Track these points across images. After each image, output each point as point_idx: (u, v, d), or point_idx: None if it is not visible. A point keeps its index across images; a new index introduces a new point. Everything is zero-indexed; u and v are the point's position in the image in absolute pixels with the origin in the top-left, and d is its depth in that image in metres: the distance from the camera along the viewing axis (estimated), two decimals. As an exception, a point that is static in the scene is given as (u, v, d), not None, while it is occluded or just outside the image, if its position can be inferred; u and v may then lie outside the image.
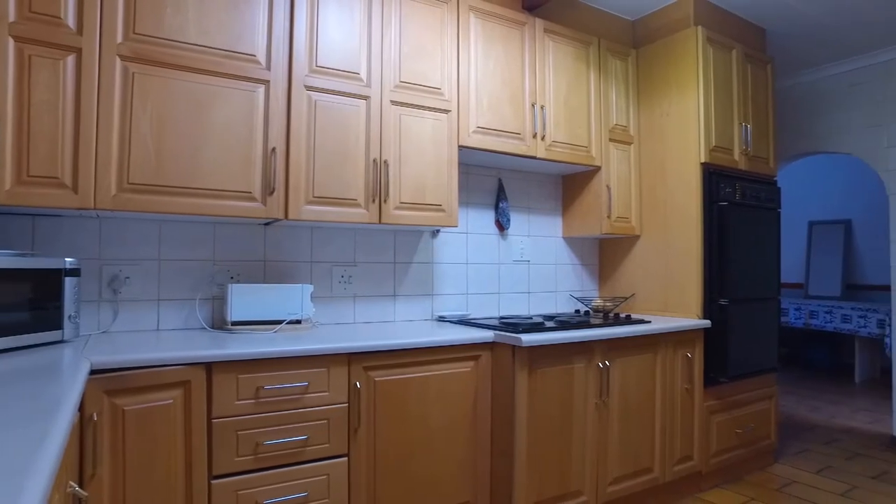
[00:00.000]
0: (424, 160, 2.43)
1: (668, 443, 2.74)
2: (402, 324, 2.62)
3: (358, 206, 2.27)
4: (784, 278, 6.96)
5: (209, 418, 1.72)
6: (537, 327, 2.36)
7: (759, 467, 3.28)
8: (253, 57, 2.06)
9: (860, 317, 5.45)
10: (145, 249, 2.18)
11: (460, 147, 2.55)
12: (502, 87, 2.67)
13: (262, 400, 1.79)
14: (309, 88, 2.17)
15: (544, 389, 2.29)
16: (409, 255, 2.77)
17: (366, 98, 2.29)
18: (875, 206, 6.24)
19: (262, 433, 1.78)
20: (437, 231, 2.85)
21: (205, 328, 2.25)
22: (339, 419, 1.93)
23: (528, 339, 2.16)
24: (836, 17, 3.34)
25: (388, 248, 2.72)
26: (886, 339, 5.13)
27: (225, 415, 1.73)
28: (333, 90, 2.22)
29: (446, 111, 2.49)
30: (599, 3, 3.19)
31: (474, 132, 2.57)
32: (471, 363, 2.25)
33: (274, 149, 2.09)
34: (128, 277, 2.14)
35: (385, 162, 2.32)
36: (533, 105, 2.76)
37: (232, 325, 2.18)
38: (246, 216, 2.05)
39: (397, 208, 2.36)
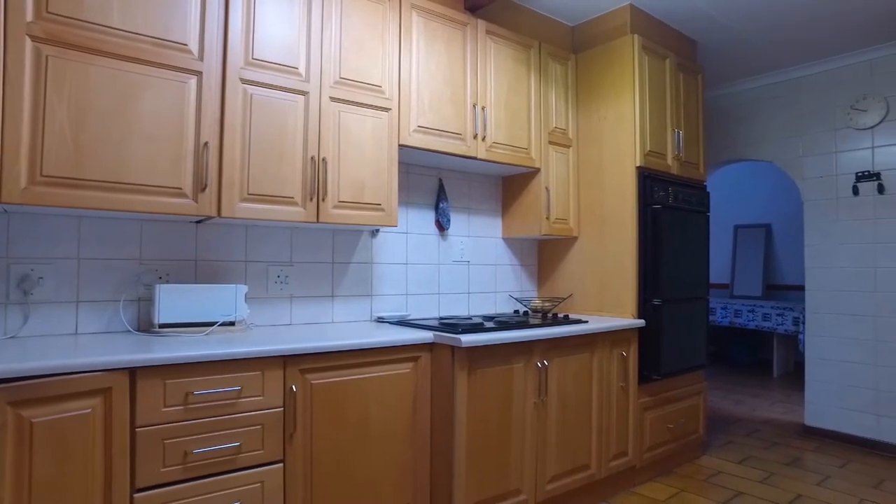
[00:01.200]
0: (364, 159, 2.38)
1: (604, 439, 2.81)
2: (341, 325, 2.56)
3: (295, 204, 2.20)
4: (712, 279, 7.30)
5: (132, 427, 1.62)
6: (477, 328, 2.36)
7: (688, 459, 3.41)
8: (184, 46, 1.96)
9: (778, 315, 5.79)
10: (62, 247, 2.04)
11: (401, 146, 2.52)
12: (444, 86, 2.66)
13: (192, 406, 1.70)
14: (245, 82, 2.08)
15: (484, 390, 2.29)
16: (348, 254, 2.72)
17: (304, 94, 2.23)
18: (793, 212, 6.64)
19: (192, 441, 1.69)
20: (377, 231, 2.81)
21: (130, 331, 2.13)
22: (273, 424, 1.86)
23: (467, 339, 2.16)
24: (759, 34, 3.53)
25: (327, 247, 2.66)
26: (800, 336, 5.47)
27: (150, 423, 1.63)
28: (270, 84, 2.14)
29: (387, 109, 2.46)
30: (541, 8, 3.23)
31: (415, 131, 2.55)
32: (410, 364, 2.23)
33: (206, 143, 1.99)
34: (41, 278, 1.99)
35: (324, 160, 2.27)
36: (474, 106, 2.76)
37: (160, 327, 2.06)
38: (176, 213, 1.94)
39: (336, 207, 2.30)
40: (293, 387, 1.91)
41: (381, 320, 2.73)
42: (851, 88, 3.88)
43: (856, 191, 3.83)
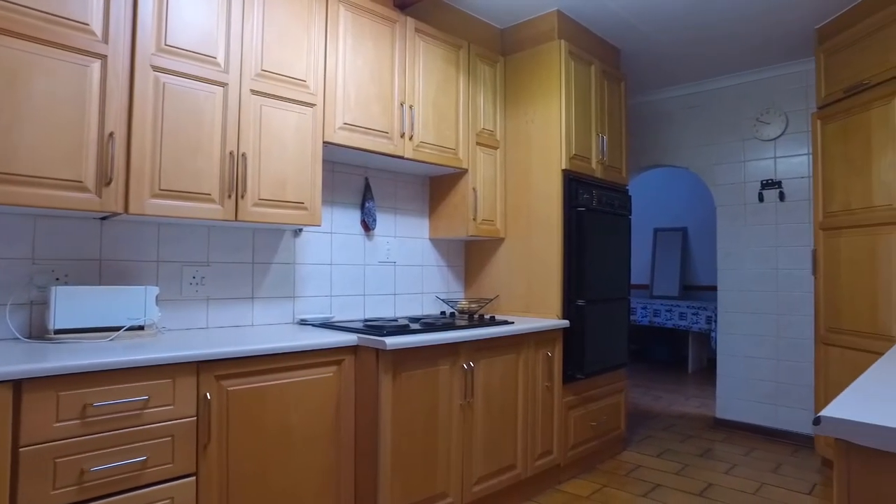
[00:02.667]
0: (286, 155, 2.29)
1: (530, 439, 2.84)
2: (261, 328, 2.45)
3: (212, 201, 2.08)
4: (633, 280, 7.60)
5: (14, 447, 1.45)
6: (402, 330, 2.32)
7: (610, 455, 3.51)
8: (85, 26, 1.81)
9: (693, 314, 6.09)
10: (-60, 245, 1.83)
11: (325, 143, 2.44)
12: (371, 83, 2.60)
13: (91, 419, 1.56)
14: (157, 69, 1.95)
15: (409, 392, 2.25)
16: (270, 254, 2.61)
17: (223, 85, 2.11)
18: (707, 216, 7.02)
19: (90, 458, 1.55)
20: (300, 230, 2.72)
21: (18, 338, 1.94)
22: (185, 435, 1.75)
23: (392, 342, 2.12)
24: (677, 46, 3.69)
25: (246, 247, 2.54)
26: (713, 334, 5.79)
27: (39, 441, 1.48)
28: (186, 73, 2.01)
29: (311, 105, 2.38)
30: (471, 9, 3.23)
31: (340, 128, 2.48)
32: (333, 368, 2.16)
33: (112, 133, 1.85)
34: (-85, 279, 1.78)
35: (243, 155, 2.16)
36: (402, 104, 2.72)
37: (56, 333, 1.89)
38: (75, 209, 1.78)
39: (256, 205, 2.20)
40: (207, 394, 1.80)
41: (304, 323, 2.64)
42: (758, 102, 4.14)
43: (761, 197, 4.08)
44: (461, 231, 3.11)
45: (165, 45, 1.97)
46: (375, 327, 2.36)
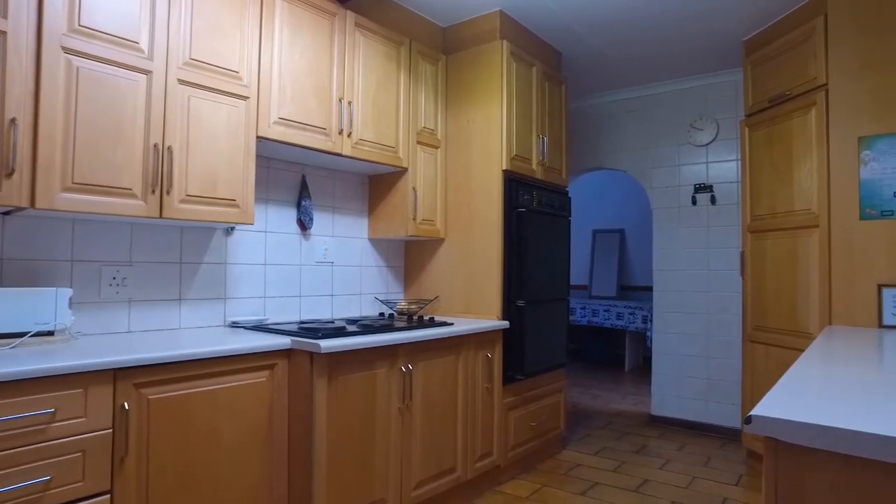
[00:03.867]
0: (217, 150, 2.17)
1: (470, 441, 2.81)
2: (189, 331, 2.32)
3: (133, 196, 1.95)
4: (573, 281, 7.74)
5: None
6: (339, 332, 2.24)
7: (550, 455, 3.54)
8: (-16, 3, 1.65)
9: (630, 314, 6.26)
10: None
11: (259, 138, 2.33)
12: (308, 78, 2.51)
13: (-13, 434, 1.41)
14: (68, 51, 1.80)
15: (345, 397, 2.18)
16: (199, 254, 2.48)
17: (147, 72, 1.98)
18: (643, 218, 7.23)
19: (-15, 476, 1.41)
20: (232, 229, 2.59)
21: None
22: (99, 449, 1.62)
23: (327, 344, 2.04)
24: (616, 51, 3.76)
25: (174, 246, 2.40)
26: (648, 333, 5.96)
27: (-75, 458, 1.33)
28: (103, 58, 1.87)
29: (245, 98, 2.27)
30: (413, 6, 3.19)
31: (276, 123, 2.38)
32: (265, 373, 2.06)
33: (14, 119, 1.69)
34: None
35: (169, 148, 2.03)
36: (340, 100, 2.64)
37: (-50, 339, 1.72)
38: (-29, 203, 1.62)
39: (183, 201, 2.08)
40: (125, 404, 1.67)
41: (235, 325, 2.52)
42: (692, 109, 4.28)
43: (694, 201, 4.23)
44: (401, 231, 3.05)
45: (79, 25, 1.83)
46: (310, 329, 2.27)
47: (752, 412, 0.99)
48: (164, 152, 2.02)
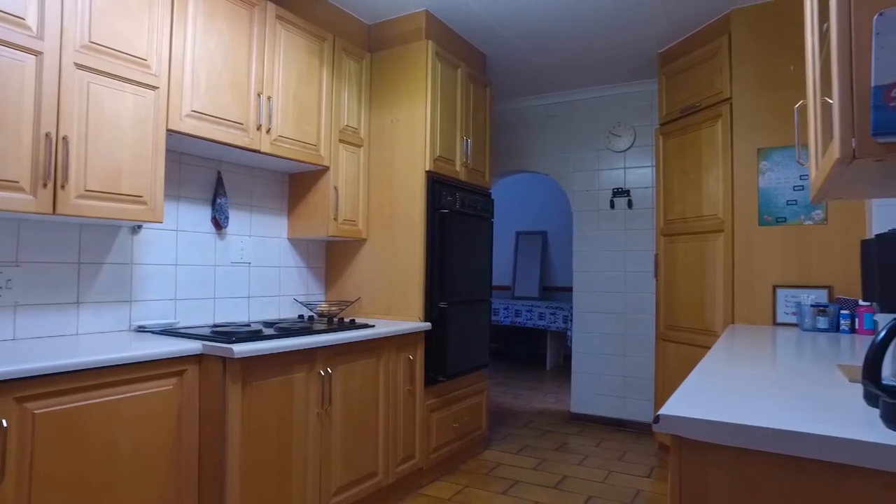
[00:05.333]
0: (122, 142, 2.03)
1: (391, 445, 2.78)
2: (88, 337, 2.15)
3: (20, 190, 1.78)
4: (496, 282, 7.85)
5: None
6: (255, 336, 2.15)
7: (472, 455, 3.56)
8: None
9: (551, 314, 6.43)
10: None
11: (170, 132, 2.20)
12: (225, 70, 2.40)
13: None
14: (-57, 29, 1.62)
15: (261, 403, 2.09)
16: (101, 254, 2.30)
17: (36, 53, 1.81)
18: (565, 220, 7.44)
19: None
20: (139, 227, 2.43)
21: None
22: (-25, 469, 1.46)
23: (241, 349, 1.95)
24: (540, 57, 3.85)
25: (71, 245, 2.21)
26: (568, 332, 6.14)
27: None
28: (-16, 37, 1.70)
29: (153, 87, 2.13)
30: (338, 1, 3.11)
31: (188, 116, 2.25)
32: (173, 380, 1.94)
33: None
34: None
35: (64, 138, 1.87)
36: (259, 95, 2.54)
37: None
38: None
39: (81, 197, 1.92)
40: (3, 422, 1.52)
41: (142, 329, 2.36)
42: (611, 116, 4.44)
43: (612, 204, 4.39)
44: (321, 231, 2.97)
45: (-42, 1, 1.65)
46: (224, 333, 2.16)
47: (660, 412, 1.02)
48: (59, 142, 1.86)
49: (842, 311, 2.61)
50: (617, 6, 3.14)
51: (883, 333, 0.93)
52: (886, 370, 0.97)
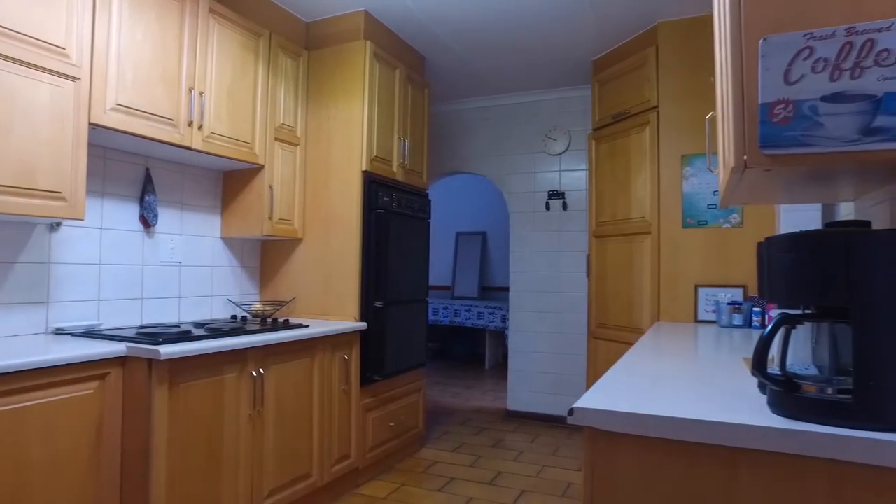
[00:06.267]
0: (38, 135, 1.93)
1: (326, 445, 2.76)
2: None
3: (-76, 184, 1.67)
4: (435, 281, 7.91)
5: None
6: (183, 336, 2.10)
7: (409, 454, 3.58)
8: None
9: (490, 314, 6.53)
10: None
11: (93, 125, 2.11)
12: (154, 63, 2.32)
13: None
14: None
15: (189, 406, 2.04)
16: (13, 252, 2.19)
17: (-58, 41, 1.71)
18: (503, 221, 7.58)
19: None
20: (58, 224, 2.32)
21: None
22: None
23: (168, 350, 1.90)
24: (478, 61, 3.91)
25: (-19, 242, 2.09)
26: (506, 332, 6.26)
27: None
28: None
29: (74, 78, 2.04)
30: (271, -4, 3.07)
31: (113, 110, 2.17)
32: (94, 384, 1.87)
33: None
34: None
35: (-27, 130, 1.77)
36: (191, 90, 2.47)
37: None
38: None
39: (-8, 192, 1.82)
40: None
41: (61, 332, 2.26)
42: (547, 119, 4.56)
43: (548, 206, 4.51)
44: (256, 230, 2.92)
45: None
46: (150, 335, 2.10)
47: (574, 405, 1.08)
48: (-32, 135, 1.76)
49: (754, 309, 2.79)
50: (552, 14, 3.24)
51: (770, 327, 1.02)
52: (788, 359, 1.06)
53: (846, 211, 2.04)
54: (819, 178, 1.19)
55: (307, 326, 2.70)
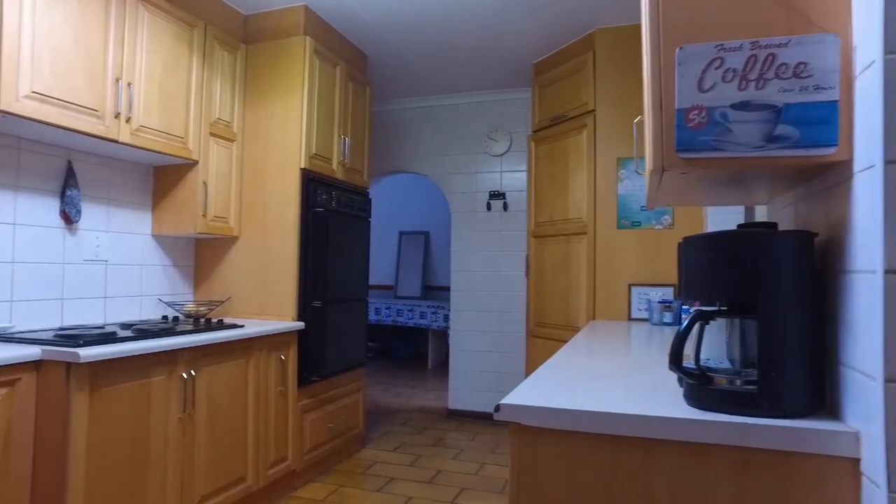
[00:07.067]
0: (-57, 123, 1.81)
1: (262, 448, 2.70)
2: None
3: None
4: (378, 281, 7.86)
5: None
6: (107, 338, 2.01)
7: (348, 455, 3.55)
8: None
9: (433, 313, 6.55)
10: None
11: (3, 113, 1.98)
12: (75, 49, 2.20)
13: None
14: None
15: (112, 412, 1.95)
16: (-83, 249, 2.03)
17: None
18: (447, 221, 7.61)
19: None
20: (-32, 219, 2.18)
21: None
22: None
23: (89, 353, 1.81)
24: (421, 61, 3.92)
25: None
26: (449, 331, 6.29)
27: None
28: None
29: (-19, 63, 1.91)
30: (206, -14, 2.98)
31: (27, 98, 2.04)
32: (3, 391, 1.76)
33: None
34: None
35: None
36: (118, 80, 2.36)
37: None
38: None
39: None
40: None
41: (-31, 335, 2.11)
42: (489, 121, 4.62)
43: (489, 207, 4.56)
44: (189, 228, 2.83)
45: None
46: (70, 337, 2.00)
47: (501, 401, 1.10)
48: None
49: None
50: (493, 17, 3.28)
51: (685, 323, 1.07)
52: (705, 353, 1.11)
53: (762, 213, 2.16)
54: (734, 182, 1.26)
55: (242, 326, 2.63)
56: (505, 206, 4.51)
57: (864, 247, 0.86)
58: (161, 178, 2.92)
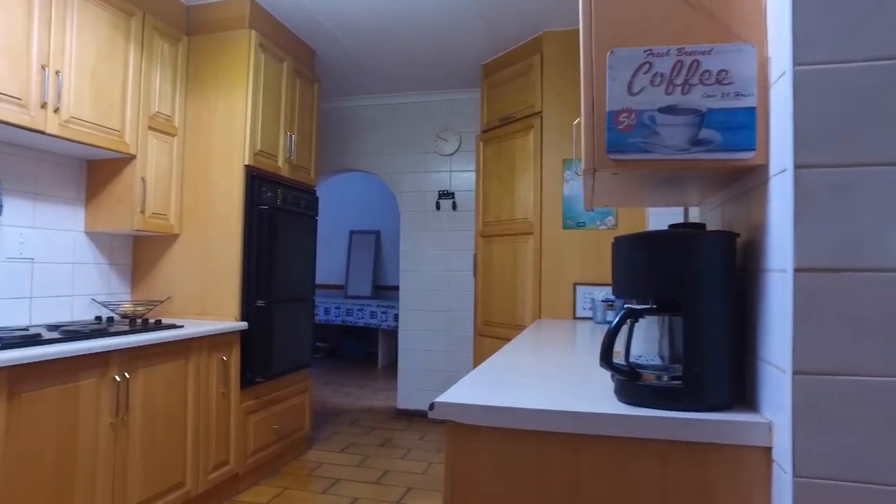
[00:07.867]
0: None
1: (202, 451, 2.63)
2: None
3: None
4: (328, 280, 7.76)
5: None
6: (29, 340, 1.91)
7: (294, 457, 3.49)
8: None
9: (383, 313, 6.52)
10: None
11: (-83, 101, 1.86)
12: (-3, 35, 2.08)
13: None
14: None
15: (35, 418, 1.85)
16: None
17: None
18: (398, 220, 7.58)
19: None
20: None
21: None
22: None
23: (7, 357, 1.71)
24: (371, 59, 3.89)
25: None
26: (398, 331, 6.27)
27: None
28: None
29: None
30: (145, -26, 2.87)
31: (-55, 85, 1.92)
32: (-84, 396, 1.65)
33: None
34: None
35: None
36: (44, 67, 2.25)
37: None
38: None
39: None
40: None
41: None
42: (439, 120, 4.63)
43: (438, 206, 4.58)
44: (126, 225, 2.72)
45: None
46: (-10, 339, 1.89)
47: (435, 400, 1.10)
48: None
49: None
50: (441, 16, 3.29)
51: (615, 321, 1.10)
52: (636, 350, 1.14)
53: (694, 214, 2.24)
54: (667, 183, 1.30)
55: (181, 327, 2.55)
56: (454, 206, 4.53)
57: (777, 247, 0.90)
58: (96, 172, 2.80)
